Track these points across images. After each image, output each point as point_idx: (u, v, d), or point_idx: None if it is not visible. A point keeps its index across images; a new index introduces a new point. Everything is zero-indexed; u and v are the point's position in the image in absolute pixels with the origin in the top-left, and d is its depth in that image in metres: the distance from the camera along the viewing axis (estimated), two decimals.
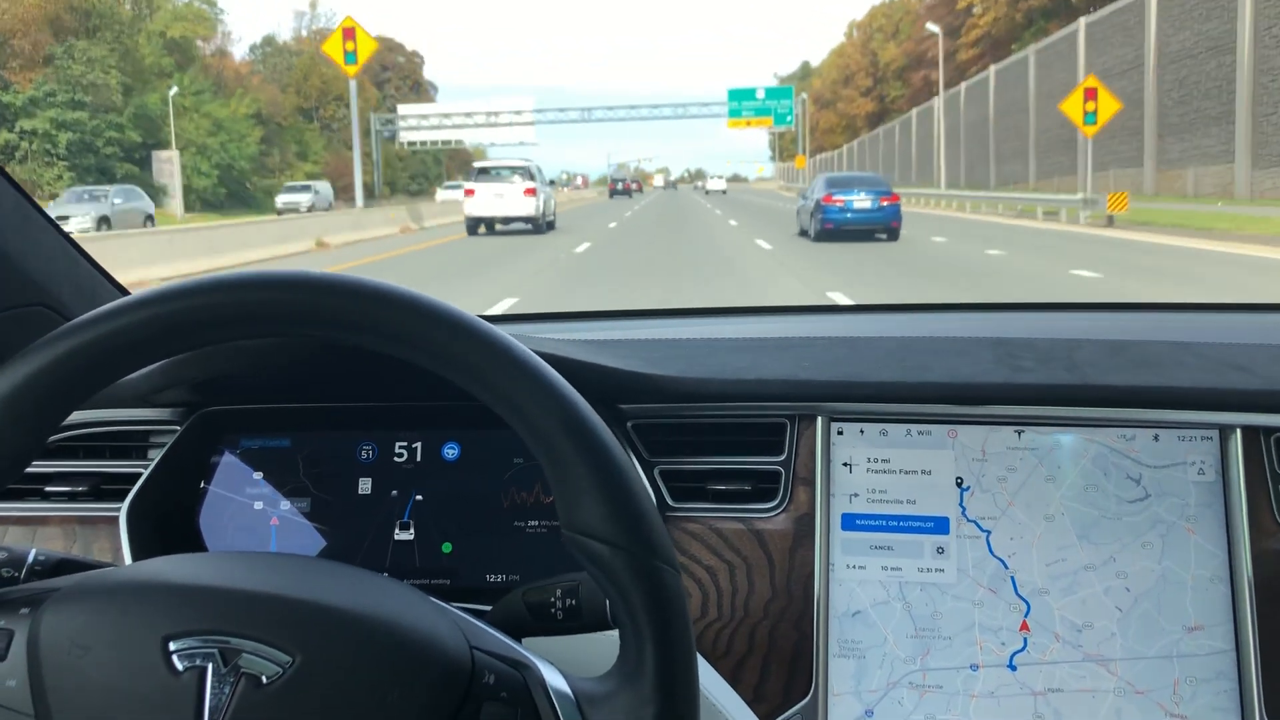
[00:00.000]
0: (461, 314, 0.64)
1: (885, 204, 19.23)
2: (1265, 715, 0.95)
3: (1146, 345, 1.07)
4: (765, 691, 1.01)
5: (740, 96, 69.76)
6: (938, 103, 51.64)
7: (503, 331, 0.64)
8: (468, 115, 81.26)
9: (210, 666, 0.59)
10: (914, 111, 59.02)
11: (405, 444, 1.09)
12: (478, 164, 27.00)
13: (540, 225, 24.69)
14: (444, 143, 79.86)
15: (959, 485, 1.02)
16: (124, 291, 1.04)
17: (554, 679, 0.64)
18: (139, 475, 1.08)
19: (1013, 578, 1.00)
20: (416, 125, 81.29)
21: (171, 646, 0.59)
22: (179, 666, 0.59)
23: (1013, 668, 0.99)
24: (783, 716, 1.01)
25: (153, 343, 0.63)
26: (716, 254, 17.26)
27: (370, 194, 72.12)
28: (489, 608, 0.74)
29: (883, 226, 19.31)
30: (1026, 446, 1.02)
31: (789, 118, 70.74)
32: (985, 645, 1.00)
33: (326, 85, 70.66)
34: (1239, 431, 1.00)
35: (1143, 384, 1.01)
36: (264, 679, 0.59)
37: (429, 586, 1.03)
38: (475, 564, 1.06)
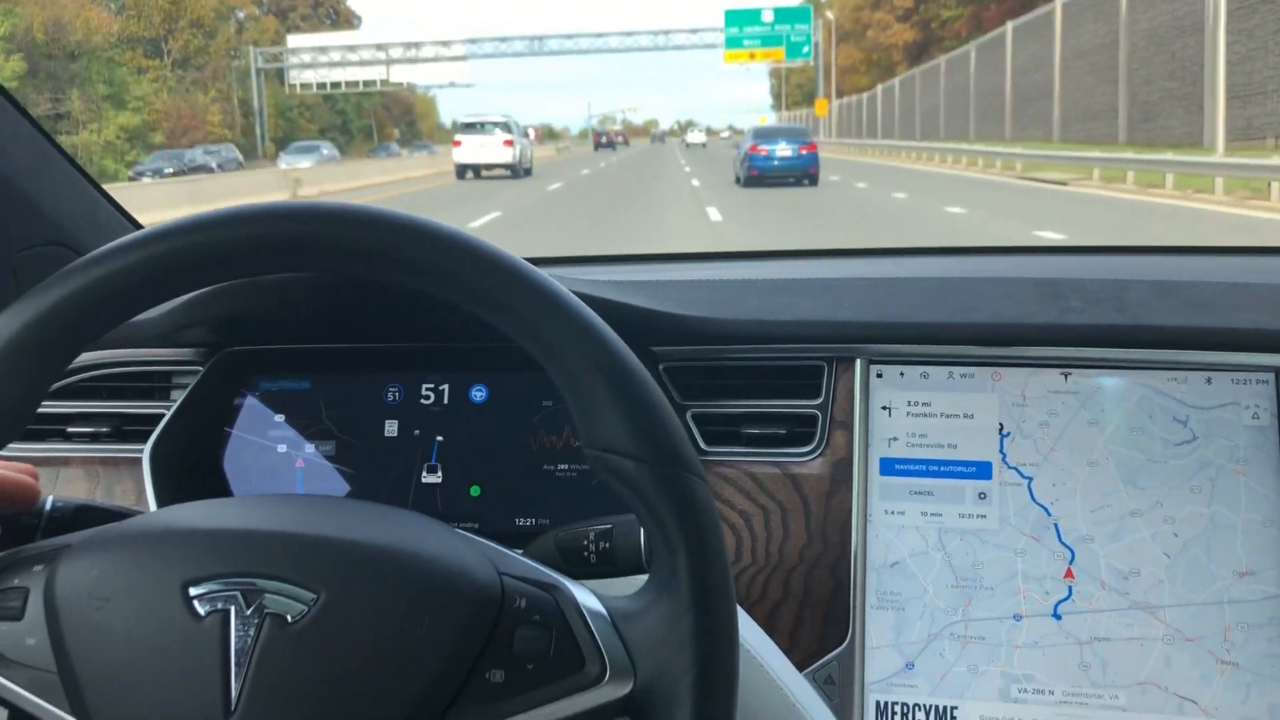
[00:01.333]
0: (472, 237, 0.67)
1: (804, 152, 23.89)
2: None
3: (1200, 286, 1.14)
4: (800, 638, 1.11)
5: (741, 21, 50.85)
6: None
7: (523, 261, 0.68)
8: (379, 48, 58.46)
9: (233, 609, 0.62)
10: (1009, 25, 39.59)
11: (432, 386, 1.17)
12: (463, 119, 33.58)
13: (518, 172, 32.15)
14: (351, 84, 58.02)
15: (1000, 431, 1.11)
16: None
17: (586, 598, 0.67)
18: (162, 416, 1.16)
19: (1056, 525, 1.09)
20: (312, 62, 58.05)
21: (192, 592, 0.62)
22: (200, 611, 0.62)
23: (1057, 617, 1.07)
24: (819, 663, 1.09)
25: (154, 282, 0.65)
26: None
27: (250, 154, 49.26)
28: (519, 551, 0.83)
29: (803, 172, 24.07)
30: (1069, 390, 1.11)
31: (805, 49, 50.39)
32: (1029, 595, 1.08)
33: (176, 7, 50.02)
34: None
35: (1198, 324, 1.09)
36: (289, 618, 0.61)
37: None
38: (504, 508, 1.15)
